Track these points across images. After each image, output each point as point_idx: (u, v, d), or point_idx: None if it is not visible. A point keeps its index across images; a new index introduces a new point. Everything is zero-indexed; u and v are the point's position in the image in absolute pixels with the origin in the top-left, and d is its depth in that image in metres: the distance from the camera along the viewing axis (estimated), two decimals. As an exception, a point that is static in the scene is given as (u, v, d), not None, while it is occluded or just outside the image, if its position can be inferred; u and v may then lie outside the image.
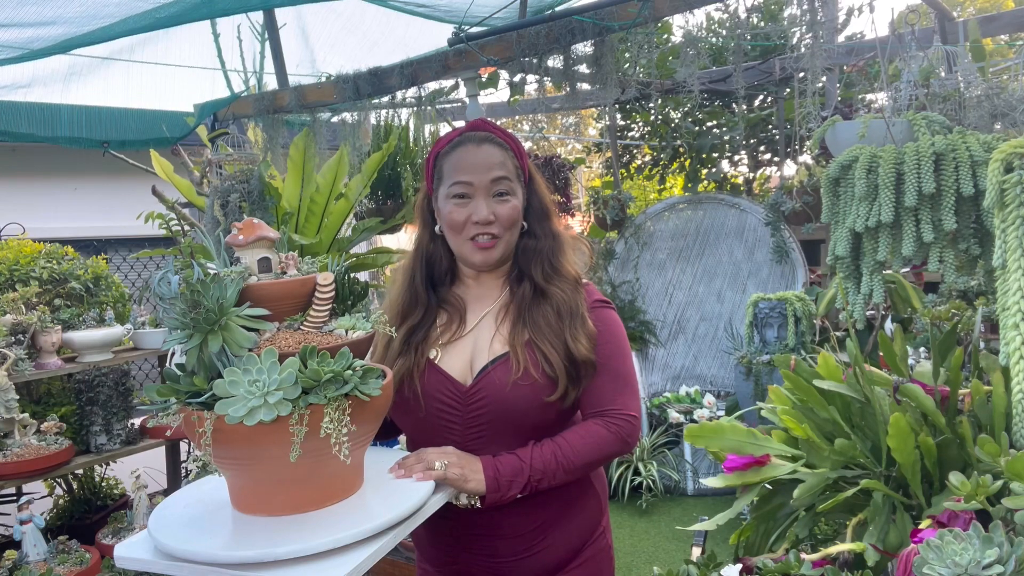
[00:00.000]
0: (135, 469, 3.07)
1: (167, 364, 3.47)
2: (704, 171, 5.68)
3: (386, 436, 1.55)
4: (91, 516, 3.30)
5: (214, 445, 0.99)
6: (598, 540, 1.47)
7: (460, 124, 3.74)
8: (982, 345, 1.80)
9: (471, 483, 1.24)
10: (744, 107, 5.37)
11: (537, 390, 1.32)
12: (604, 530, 1.50)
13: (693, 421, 4.39)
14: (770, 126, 5.35)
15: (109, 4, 2.17)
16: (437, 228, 1.44)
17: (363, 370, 1.04)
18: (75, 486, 3.45)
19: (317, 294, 1.12)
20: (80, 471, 3.39)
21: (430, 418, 1.37)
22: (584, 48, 2.25)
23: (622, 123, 6.03)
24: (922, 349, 2.86)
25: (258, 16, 3.04)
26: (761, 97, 5.42)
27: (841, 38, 4.68)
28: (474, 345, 1.39)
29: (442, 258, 1.46)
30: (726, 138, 5.42)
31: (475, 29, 2.45)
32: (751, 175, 5.77)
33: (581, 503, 1.44)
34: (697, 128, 5.55)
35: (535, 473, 1.29)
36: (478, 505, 1.30)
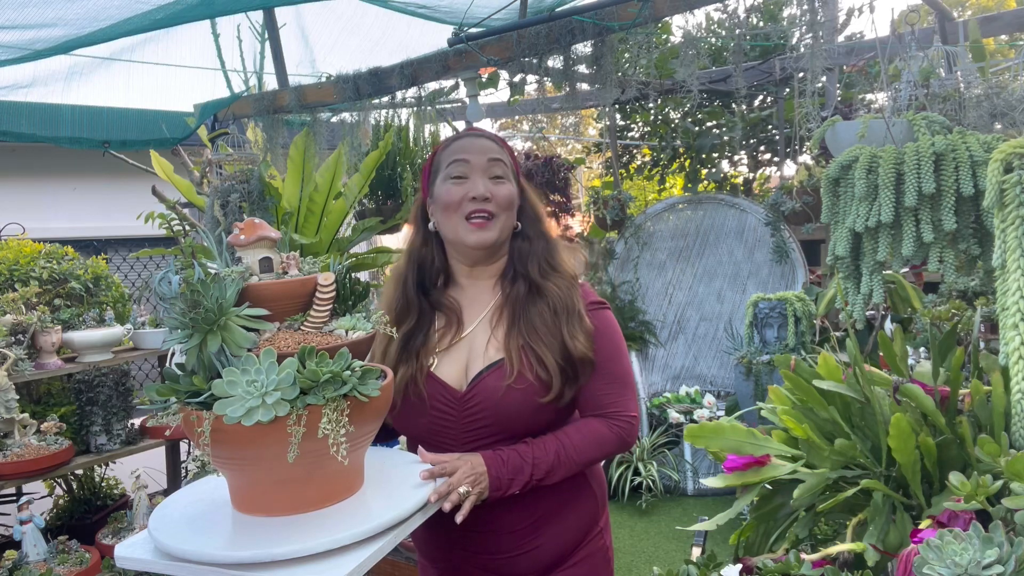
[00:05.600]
0: (135, 469, 3.07)
1: (167, 364, 3.47)
2: (704, 171, 5.68)
3: (387, 437, 1.55)
4: (91, 516, 3.29)
5: (213, 445, 0.99)
6: (595, 539, 1.47)
7: (460, 124, 3.74)
8: (982, 345, 1.80)
9: (480, 490, 1.25)
10: (744, 107, 5.37)
11: (531, 393, 1.32)
12: (602, 530, 1.50)
13: (693, 421, 4.39)
14: (770, 126, 5.35)
15: (110, 7, 2.17)
16: (431, 225, 1.45)
17: (362, 371, 1.04)
18: (75, 486, 3.45)
19: (318, 294, 1.12)
20: (80, 471, 3.38)
21: (428, 424, 1.37)
22: (584, 48, 2.25)
23: (622, 123, 6.03)
24: (922, 349, 2.85)
25: (258, 16, 3.04)
26: (761, 97, 5.42)
27: (841, 38, 4.68)
28: (470, 350, 1.40)
29: (434, 259, 1.46)
30: (726, 138, 5.42)
31: (475, 29, 2.45)
32: (751, 175, 5.77)
33: (576, 501, 1.44)
34: (697, 128, 5.55)
35: (537, 471, 1.30)
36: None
